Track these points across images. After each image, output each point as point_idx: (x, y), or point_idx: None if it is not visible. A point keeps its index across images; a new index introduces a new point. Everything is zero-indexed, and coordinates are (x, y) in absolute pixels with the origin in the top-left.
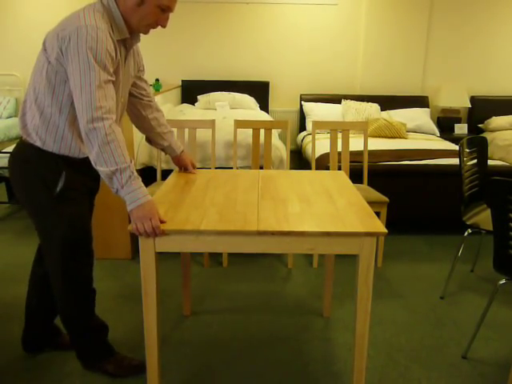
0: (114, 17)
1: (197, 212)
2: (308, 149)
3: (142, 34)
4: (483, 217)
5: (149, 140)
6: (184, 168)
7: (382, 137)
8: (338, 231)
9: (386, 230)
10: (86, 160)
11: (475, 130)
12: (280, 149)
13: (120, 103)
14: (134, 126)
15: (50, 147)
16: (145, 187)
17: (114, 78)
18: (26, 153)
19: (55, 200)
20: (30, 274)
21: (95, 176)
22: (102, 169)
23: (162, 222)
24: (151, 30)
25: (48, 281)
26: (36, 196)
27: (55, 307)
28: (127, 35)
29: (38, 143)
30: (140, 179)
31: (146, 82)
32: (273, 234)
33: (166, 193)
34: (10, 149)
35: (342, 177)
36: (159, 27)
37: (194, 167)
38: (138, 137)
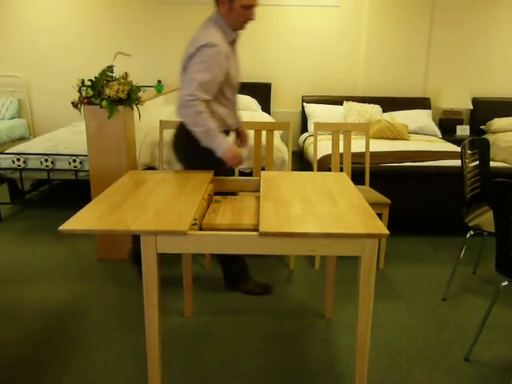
0: (222, 25)
1: (134, 212)
2: (310, 150)
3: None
4: (485, 218)
5: None
6: None
7: (384, 138)
8: (339, 232)
9: (387, 232)
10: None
11: (477, 131)
12: (282, 150)
13: (237, 84)
14: (136, 128)
15: None
16: (228, 139)
17: (222, 78)
18: (188, 134)
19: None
20: None
21: None
22: (197, 129)
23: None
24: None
25: None
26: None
27: None
28: (235, 36)
29: None
30: (222, 135)
31: None
32: (275, 235)
33: (111, 193)
34: (13, 150)
35: (344, 178)
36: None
37: None
38: (140, 138)
